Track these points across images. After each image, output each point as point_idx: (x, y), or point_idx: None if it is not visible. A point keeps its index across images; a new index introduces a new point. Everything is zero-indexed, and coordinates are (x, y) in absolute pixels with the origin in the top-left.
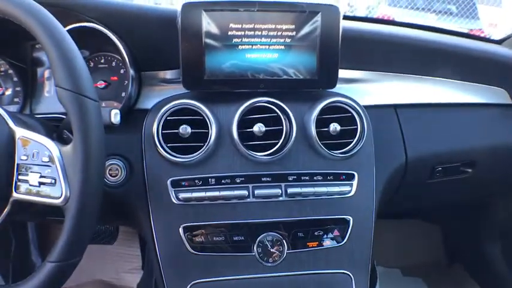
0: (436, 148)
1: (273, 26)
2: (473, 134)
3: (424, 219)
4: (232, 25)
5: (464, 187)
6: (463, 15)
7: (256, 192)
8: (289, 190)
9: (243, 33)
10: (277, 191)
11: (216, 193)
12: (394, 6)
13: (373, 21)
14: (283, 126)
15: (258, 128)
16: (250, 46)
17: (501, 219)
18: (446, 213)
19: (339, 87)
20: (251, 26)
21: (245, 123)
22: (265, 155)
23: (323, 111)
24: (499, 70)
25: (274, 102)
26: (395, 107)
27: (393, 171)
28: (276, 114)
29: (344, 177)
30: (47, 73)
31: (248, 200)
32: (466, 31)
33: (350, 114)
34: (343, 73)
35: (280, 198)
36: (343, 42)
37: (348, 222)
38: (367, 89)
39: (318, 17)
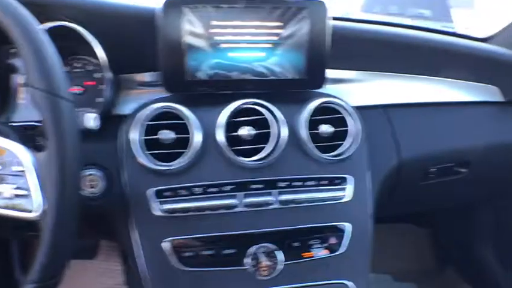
0: (429, 148)
1: (259, 23)
2: (466, 133)
3: (416, 224)
4: (214, 22)
5: (459, 188)
6: (437, 19)
7: (246, 200)
8: (282, 197)
9: (226, 30)
10: (269, 198)
11: (203, 203)
12: (368, 12)
13: (359, 22)
14: (271, 129)
15: (247, 131)
16: (235, 44)
17: (494, 220)
18: (438, 215)
19: (326, 88)
20: (235, 23)
21: (232, 127)
22: (254, 161)
23: (313, 112)
24: (489, 67)
25: (261, 103)
26: (386, 107)
27: (387, 174)
28: (264, 117)
29: (338, 181)
30: (22, 79)
31: (237, 209)
32: None
33: (341, 115)
34: (330, 73)
35: (272, 207)
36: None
37: (344, 229)
38: (355, 90)
39: (305, 13)
